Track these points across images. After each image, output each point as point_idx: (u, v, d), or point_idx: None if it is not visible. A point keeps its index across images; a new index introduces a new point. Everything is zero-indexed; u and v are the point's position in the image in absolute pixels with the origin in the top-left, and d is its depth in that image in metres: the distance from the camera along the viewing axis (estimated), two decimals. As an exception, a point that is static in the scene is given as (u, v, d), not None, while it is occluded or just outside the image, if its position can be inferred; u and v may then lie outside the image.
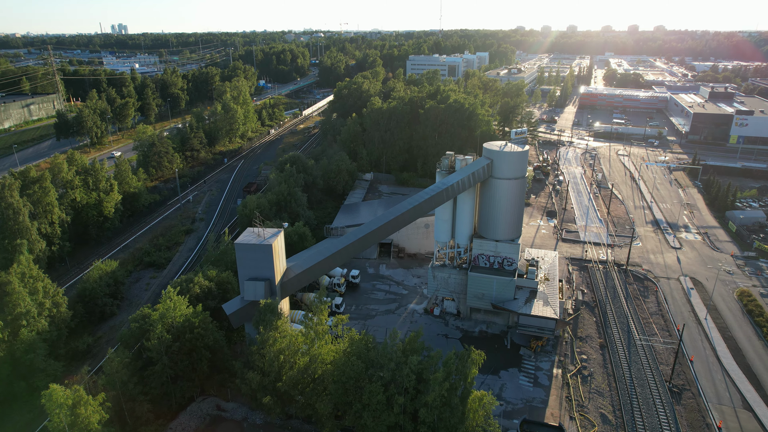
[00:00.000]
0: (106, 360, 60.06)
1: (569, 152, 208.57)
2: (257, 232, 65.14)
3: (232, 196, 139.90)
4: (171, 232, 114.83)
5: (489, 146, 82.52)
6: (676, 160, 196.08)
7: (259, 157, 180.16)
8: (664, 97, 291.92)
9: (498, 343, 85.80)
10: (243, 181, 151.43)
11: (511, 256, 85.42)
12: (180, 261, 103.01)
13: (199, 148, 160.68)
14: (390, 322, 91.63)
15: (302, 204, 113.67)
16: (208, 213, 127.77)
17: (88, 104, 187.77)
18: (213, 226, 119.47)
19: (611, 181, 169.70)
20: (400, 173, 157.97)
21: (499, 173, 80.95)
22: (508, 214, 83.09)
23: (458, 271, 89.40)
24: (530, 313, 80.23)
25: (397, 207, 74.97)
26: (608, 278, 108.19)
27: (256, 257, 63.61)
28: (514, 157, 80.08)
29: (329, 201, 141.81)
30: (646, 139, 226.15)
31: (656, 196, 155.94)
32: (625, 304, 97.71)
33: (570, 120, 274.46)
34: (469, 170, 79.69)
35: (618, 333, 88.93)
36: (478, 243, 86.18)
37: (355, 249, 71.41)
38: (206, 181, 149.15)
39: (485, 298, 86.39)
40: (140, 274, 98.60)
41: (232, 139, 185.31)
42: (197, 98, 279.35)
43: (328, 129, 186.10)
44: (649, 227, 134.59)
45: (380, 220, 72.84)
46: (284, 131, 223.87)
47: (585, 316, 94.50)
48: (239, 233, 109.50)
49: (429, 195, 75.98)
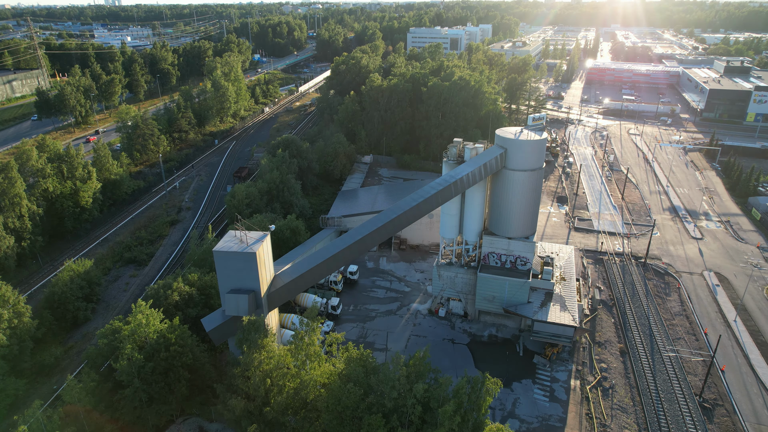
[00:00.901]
0: (65, 387, 52.62)
1: (578, 131, 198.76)
2: (239, 237, 56.85)
3: (221, 182, 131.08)
4: (155, 223, 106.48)
5: (503, 133, 73.53)
6: (691, 139, 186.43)
7: (252, 137, 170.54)
8: (675, 72, 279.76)
9: (510, 349, 78.55)
10: (234, 165, 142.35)
11: (525, 255, 77.39)
12: (163, 257, 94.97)
13: (187, 129, 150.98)
14: (391, 325, 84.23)
15: (296, 192, 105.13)
16: (195, 201, 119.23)
17: (70, 81, 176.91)
18: (200, 216, 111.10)
19: (624, 164, 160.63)
20: (401, 155, 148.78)
21: (513, 164, 72.22)
22: (522, 210, 74.72)
23: (466, 270, 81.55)
24: (546, 319, 72.63)
25: (399, 205, 66.51)
26: (625, 273, 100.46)
27: (239, 266, 55.54)
28: (531, 146, 71.23)
29: (326, 186, 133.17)
30: (658, 117, 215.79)
31: (672, 180, 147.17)
32: (646, 303, 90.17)
33: (577, 96, 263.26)
34: (481, 161, 70.95)
35: (640, 337, 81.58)
36: (489, 240, 78.04)
37: (353, 253, 63.32)
38: (194, 165, 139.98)
39: (496, 301, 78.73)
40: (119, 271, 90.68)
41: (224, 119, 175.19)
42: (189, 74, 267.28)
43: (325, 107, 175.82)
44: (666, 215, 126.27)
45: (380, 220, 64.48)
46: (279, 109, 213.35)
47: (603, 316, 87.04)
48: (227, 225, 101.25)
49: (435, 190, 67.41)
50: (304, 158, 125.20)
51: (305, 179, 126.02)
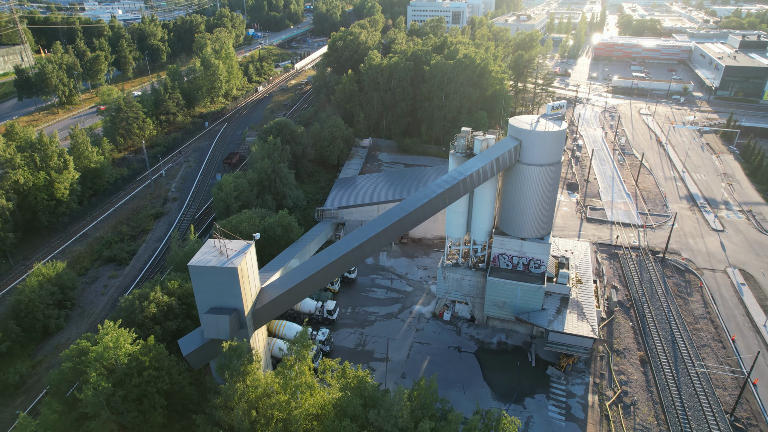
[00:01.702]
0: (17, 427, 46.21)
1: (587, 111, 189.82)
2: (219, 248, 49.67)
3: (211, 169, 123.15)
4: (138, 216, 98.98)
5: (517, 123, 65.64)
6: (705, 120, 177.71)
7: (245, 119, 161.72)
8: (687, 46, 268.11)
9: (521, 358, 72.28)
10: (225, 150, 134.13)
11: (540, 258, 70.42)
12: (146, 255, 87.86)
13: (175, 111, 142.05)
14: (392, 330, 77.82)
15: (289, 183, 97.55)
16: (182, 190, 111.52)
17: (52, 58, 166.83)
18: (187, 209, 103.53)
19: (636, 147, 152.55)
20: (402, 139, 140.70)
21: (529, 158, 64.58)
22: (537, 208, 67.41)
23: (474, 272, 74.70)
24: (563, 330, 66.07)
25: (401, 206, 59.13)
26: (642, 269, 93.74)
27: (218, 283, 48.55)
28: (550, 138, 63.48)
29: (322, 173, 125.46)
30: (670, 96, 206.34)
31: (688, 165, 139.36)
32: (666, 305, 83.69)
33: (585, 73, 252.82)
34: (492, 155, 63.29)
35: (661, 344, 75.27)
36: (500, 241, 70.95)
37: (349, 261, 56.29)
38: (182, 150, 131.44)
39: (507, 307, 72.11)
40: (98, 271, 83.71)
41: (215, 99, 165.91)
42: (180, 50, 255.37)
43: (322, 86, 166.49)
44: (683, 203, 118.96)
45: (380, 224, 57.21)
46: (274, 88, 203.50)
47: (620, 320, 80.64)
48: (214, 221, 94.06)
49: (441, 189, 59.94)
50: (298, 143, 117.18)
51: (300, 166, 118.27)
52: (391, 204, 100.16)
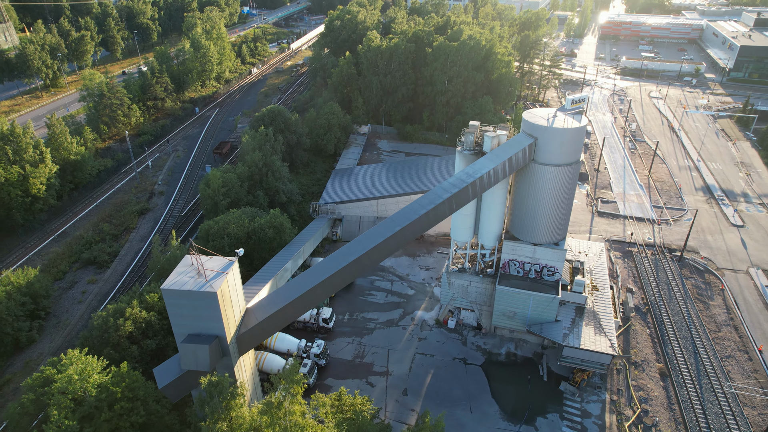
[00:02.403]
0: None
1: (595, 94, 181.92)
2: (197, 267, 43.64)
3: (200, 159, 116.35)
4: (121, 213, 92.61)
5: (532, 118, 58.98)
6: (719, 103, 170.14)
7: (238, 103, 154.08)
8: (698, 24, 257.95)
9: (531, 372, 67.02)
10: (215, 138, 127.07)
11: (554, 265, 64.56)
12: (128, 256, 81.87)
13: (163, 96, 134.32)
14: (393, 339, 72.42)
15: (282, 176, 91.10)
16: (170, 183, 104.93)
17: (33, 39, 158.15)
18: (173, 204, 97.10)
19: (647, 133, 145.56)
20: (402, 125, 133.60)
21: (545, 157, 58.14)
22: (553, 212, 61.24)
23: (481, 278, 68.92)
24: (579, 345, 60.56)
25: (404, 213, 52.92)
26: (659, 269, 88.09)
27: (197, 307, 42.71)
28: (569, 136, 56.94)
29: (318, 163, 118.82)
30: (681, 78, 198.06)
31: (703, 154, 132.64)
32: (686, 310, 78.25)
33: (591, 53, 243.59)
34: (505, 154, 56.84)
35: (682, 355, 69.99)
36: (510, 246, 64.96)
37: (346, 277, 50.34)
38: (170, 139, 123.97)
39: (517, 318, 66.53)
40: (76, 275, 77.81)
41: (206, 83, 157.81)
42: (172, 29, 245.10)
43: (318, 68, 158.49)
44: (700, 196, 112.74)
45: (379, 235, 51.08)
46: (269, 69, 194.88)
47: (637, 327, 75.24)
48: (203, 218, 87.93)
49: (448, 194, 53.66)
50: (292, 132, 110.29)
51: (294, 156, 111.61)
52: (391, 199, 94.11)
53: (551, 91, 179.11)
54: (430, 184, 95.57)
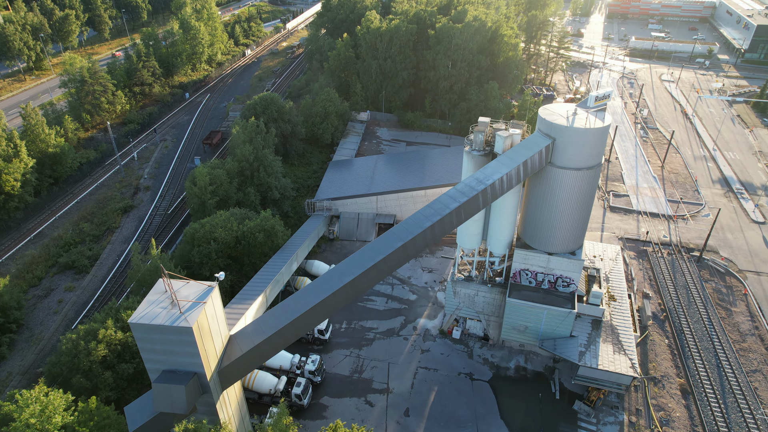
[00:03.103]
0: None
1: (603, 77, 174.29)
2: (170, 295, 38.10)
3: (190, 150, 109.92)
4: (103, 210, 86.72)
5: (549, 116, 52.79)
6: (734, 87, 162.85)
7: (231, 88, 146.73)
8: (710, 2, 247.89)
9: (542, 389, 62.18)
10: (206, 126, 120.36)
11: (570, 275, 59.12)
12: (110, 260, 76.29)
13: (150, 81, 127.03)
14: (394, 351, 67.44)
15: (275, 171, 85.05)
16: (156, 177, 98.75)
17: (13, 18, 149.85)
18: (160, 200, 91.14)
19: (660, 120, 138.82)
20: (403, 113, 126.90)
21: (563, 160, 52.17)
22: (570, 219, 55.53)
23: (489, 288, 63.58)
24: (596, 366, 55.50)
25: (406, 226, 47.17)
26: (676, 271, 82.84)
27: (171, 342, 37.35)
28: (591, 136, 50.87)
29: (314, 153, 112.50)
30: (693, 59, 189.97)
31: (720, 142, 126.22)
32: (707, 317, 73.19)
33: (599, 33, 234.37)
34: (519, 157, 50.85)
35: (705, 369, 65.12)
36: (522, 255, 59.41)
37: (342, 299, 44.88)
38: (158, 128, 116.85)
39: (529, 332, 61.39)
40: (53, 281, 72.37)
41: (196, 67, 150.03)
42: (163, 7, 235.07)
43: (314, 51, 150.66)
44: (717, 189, 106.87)
45: (379, 251, 45.47)
46: (263, 51, 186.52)
47: (655, 337, 70.24)
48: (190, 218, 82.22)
49: (456, 203, 47.86)
50: (286, 121, 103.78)
51: (289, 146, 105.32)
52: (391, 195, 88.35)
53: (558, 74, 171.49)
54: (433, 178, 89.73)
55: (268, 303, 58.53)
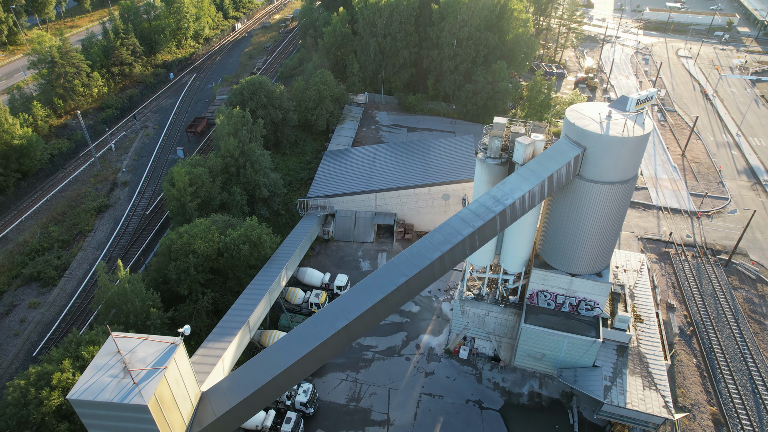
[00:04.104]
0: None
1: (616, 52, 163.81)
2: (124, 359, 30.96)
3: (173, 138, 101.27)
4: (75, 210, 78.88)
5: (579, 120, 44.65)
6: (757, 64, 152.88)
7: (218, 67, 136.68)
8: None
9: (559, 419, 56.01)
10: (191, 111, 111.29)
11: (595, 299, 52.10)
12: (80, 271, 68.92)
13: (130, 60, 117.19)
14: (394, 374, 61.01)
15: (263, 168, 77.07)
16: (136, 170, 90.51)
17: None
18: (138, 198, 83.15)
19: (678, 102, 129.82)
20: (404, 95, 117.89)
21: (595, 173, 44.38)
22: (598, 239, 48.14)
23: (502, 308, 56.68)
24: (624, 404, 49.00)
25: (411, 256, 39.79)
26: (702, 276, 76.02)
27: (122, 419, 30.45)
28: (630, 147, 42.99)
29: (308, 141, 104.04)
30: (712, 32, 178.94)
31: (744, 127, 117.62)
32: (738, 333, 66.68)
33: (610, 3, 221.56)
34: (544, 171, 43.03)
35: (738, 394, 58.93)
36: (541, 276, 52.22)
37: (335, 347, 37.92)
38: (137, 115, 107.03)
39: (546, 360, 54.80)
40: (16, 296, 65.11)
41: (182, 43, 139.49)
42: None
43: (308, 25, 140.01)
44: (743, 180, 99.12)
45: (380, 288, 38.25)
46: (254, 24, 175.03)
47: (682, 356, 63.81)
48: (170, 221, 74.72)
49: (470, 228, 40.33)
50: (277, 107, 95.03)
51: (280, 135, 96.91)
52: (392, 192, 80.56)
53: (568, 51, 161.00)
54: (437, 173, 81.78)
55: (252, 332, 51.64)
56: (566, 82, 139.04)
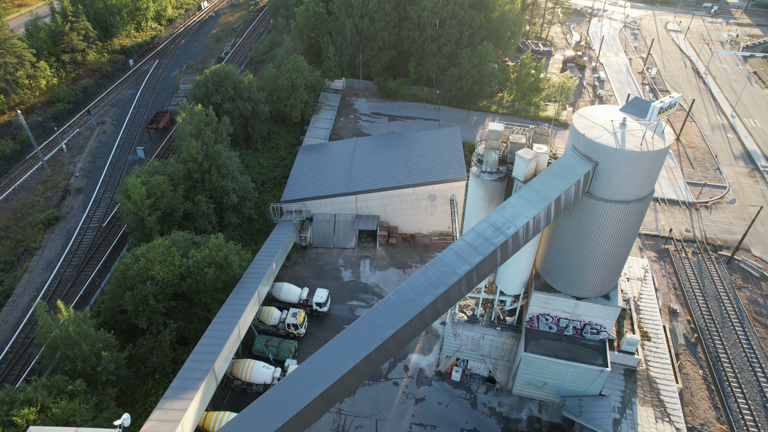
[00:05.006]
0: None
1: (603, 27, 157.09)
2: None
3: (133, 134, 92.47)
4: (20, 224, 70.64)
5: (589, 130, 38.51)
6: (747, 38, 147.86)
7: (183, 52, 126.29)
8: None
9: (562, 448, 51.75)
10: (153, 104, 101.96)
11: (601, 323, 47.05)
12: (25, 298, 61.06)
13: (83, 47, 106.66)
14: (381, 402, 55.84)
15: (231, 172, 69.65)
16: (91, 175, 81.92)
17: None
18: (94, 207, 75.02)
19: (669, 80, 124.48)
20: (384, 80, 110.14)
21: (607, 190, 38.61)
22: (608, 261, 42.79)
23: (498, 332, 51.45)
24: (638, 439, 44.58)
25: (398, 302, 33.88)
26: (703, 275, 71.95)
27: None
28: (647, 162, 37.21)
29: (281, 134, 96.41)
30: (700, 3, 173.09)
31: (738, 108, 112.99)
32: (744, 337, 62.91)
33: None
34: (550, 192, 37.08)
35: (749, 409, 55.22)
36: (543, 299, 46.87)
37: (309, 417, 32.12)
38: (92, 110, 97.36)
39: (548, 388, 49.94)
40: (-48, 330, 57.77)
41: (141, 26, 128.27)
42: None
43: (279, 4, 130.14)
44: (740, 166, 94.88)
45: (362, 344, 32.46)
46: (222, 2, 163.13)
47: (689, 370, 59.81)
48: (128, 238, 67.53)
49: (467, 265, 34.46)
50: (245, 99, 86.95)
51: (250, 130, 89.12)
52: (374, 194, 74.12)
53: (555, 27, 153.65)
54: (422, 171, 75.36)
55: (220, 375, 45.57)
56: (554, 61, 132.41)
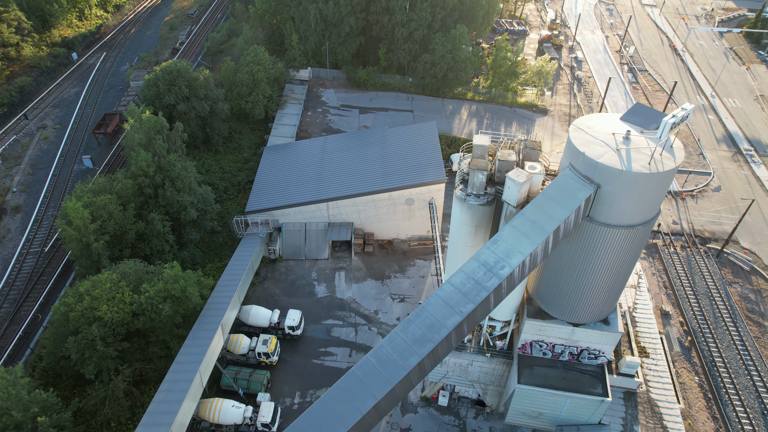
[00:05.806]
0: None
1: (578, 2, 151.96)
2: None
3: (78, 143, 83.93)
4: (-49, 251, 63.11)
5: (589, 148, 33.65)
6: (721, 11, 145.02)
7: (133, 42, 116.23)
8: None
9: (559, 476, 48.43)
10: (101, 103, 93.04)
11: (600, 348, 43.25)
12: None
13: (16, 40, 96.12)
14: (365, 436, 51.36)
15: (187, 183, 62.98)
16: (31, 189, 73.76)
17: None
18: (35, 227, 67.35)
19: (647, 59, 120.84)
20: (353, 69, 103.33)
21: (610, 215, 34.13)
22: (608, 286, 38.71)
23: (488, 359, 47.28)
24: (643, 475, 41.30)
25: (379, 366, 28.96)
26: (693, 271, 69.31)
27: None
28: (655, 184, 32.67)
29: (245, 133, 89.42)
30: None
31: (718, 88, 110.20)
32: (738, 337, 60.61)
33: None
34: (549, 222, 32.38)
35: (748, 418, 52.92)
36: (537, 326, 42.70)
37: None
38: (29, 114, 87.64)
39: (544, 418, 46.21)
40: None
41: (85, 13, 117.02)
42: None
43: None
44: (723, 150, 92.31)
45: (339, 419, 27.38)
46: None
47: (685, 378, 57.11)
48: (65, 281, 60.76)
49: (458, 316, 29.73)
50: (202, 99, 79.46)
51: (209, 131, 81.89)
52: (346, 201, 68.52)
53: (529, 4, 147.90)
54: (399, 174, 69.90)
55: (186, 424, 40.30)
56: (529, 41, 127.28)
